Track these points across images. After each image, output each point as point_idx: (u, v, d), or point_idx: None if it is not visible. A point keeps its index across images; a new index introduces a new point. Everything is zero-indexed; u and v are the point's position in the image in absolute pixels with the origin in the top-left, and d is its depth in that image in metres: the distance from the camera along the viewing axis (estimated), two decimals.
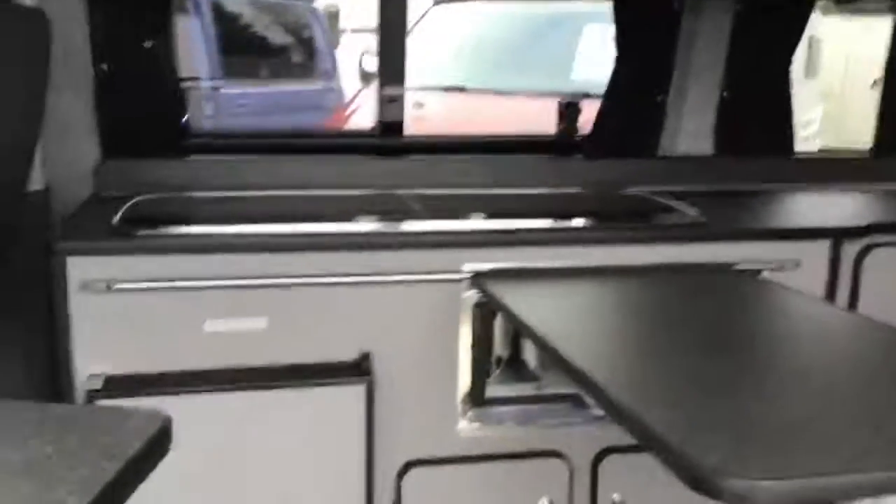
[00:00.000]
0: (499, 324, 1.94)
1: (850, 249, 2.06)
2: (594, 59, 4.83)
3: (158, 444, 0.99)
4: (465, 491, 1.95)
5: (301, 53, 6.70)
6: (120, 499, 0.92)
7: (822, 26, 5.77)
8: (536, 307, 1.68)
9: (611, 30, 2.55)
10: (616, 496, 2.00)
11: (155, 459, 0.99)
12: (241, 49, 6.06)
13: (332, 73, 6.65)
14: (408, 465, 1.93)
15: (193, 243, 1.81)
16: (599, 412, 1.95)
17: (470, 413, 1.94)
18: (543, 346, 1.48)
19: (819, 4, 2.57)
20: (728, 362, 1.39)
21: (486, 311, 1.90)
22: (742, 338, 1.55)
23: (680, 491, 2.00)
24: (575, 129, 2.60)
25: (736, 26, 2.49)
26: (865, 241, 2.07)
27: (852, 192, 2.55)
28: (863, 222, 2.10)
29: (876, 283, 2.07)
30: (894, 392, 1.30)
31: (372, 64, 5.27)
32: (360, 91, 5.65)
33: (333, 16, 7.47)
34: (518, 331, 1.84)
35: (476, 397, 1.94)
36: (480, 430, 1.95)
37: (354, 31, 8.33)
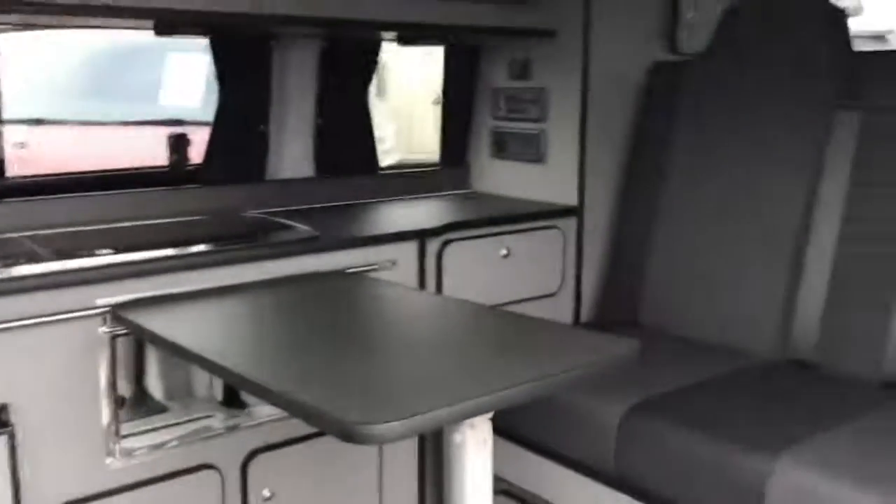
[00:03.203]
0: (120, 359, 2.00)
1: (433, 246, 2.55)
2: (180, 87, 4.94)
3: None
4: None
5: None
6: None
7: (388, 52, 6.54)
8: (182, 328, 1.81)
9: (196, 60, 2.71)
10: (266, 492, 2.21)
11: None
12: None
13: None
14: None
15: None
16: (242, 420, 2.15)
17: (117, 446, 1.98)
18: (201, 362, 1.63)
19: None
20: (347, 343, 1.71)
21: (122, 344, 1.97)
22: (357, 322, 1.90)
23: (316, 475, 2.29)
24: (186, 160, 2.73)
25: (321, 62, 2.84)
26: (443, 238, 2.57)
27: (428, 200, 3.09)
28: (439, 224, 2.59)
29: (454, 270, 2.60)
30: (476, 347, 1.74)
31: None
32: None
33: None
34: (175, 354, 1.94)
35: (117, 430, 1.99)
36: (130, 461, 2.01)
37: None
